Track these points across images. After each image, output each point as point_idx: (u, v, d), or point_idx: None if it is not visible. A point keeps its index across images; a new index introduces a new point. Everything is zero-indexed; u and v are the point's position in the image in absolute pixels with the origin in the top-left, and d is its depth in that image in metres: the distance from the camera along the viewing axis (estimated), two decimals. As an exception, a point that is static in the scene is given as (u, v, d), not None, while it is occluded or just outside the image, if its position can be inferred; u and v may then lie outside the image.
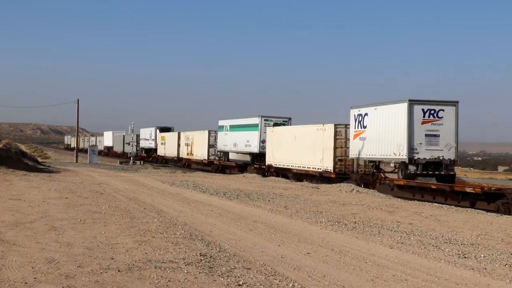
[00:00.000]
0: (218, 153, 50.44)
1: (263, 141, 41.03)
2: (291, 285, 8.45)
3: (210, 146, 51.34)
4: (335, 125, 32.16)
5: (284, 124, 40.99)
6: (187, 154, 57.13)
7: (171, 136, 63.80)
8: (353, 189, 26.75)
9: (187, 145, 57.09)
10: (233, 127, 46.35)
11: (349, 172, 31.83)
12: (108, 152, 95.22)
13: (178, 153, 60.26)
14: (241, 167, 45.89)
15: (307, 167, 34.76)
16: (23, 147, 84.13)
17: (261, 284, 8.38)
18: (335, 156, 31.94)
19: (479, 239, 13.25)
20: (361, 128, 30.00)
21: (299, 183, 32.31)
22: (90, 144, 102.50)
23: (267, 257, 10.45)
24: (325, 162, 32.76)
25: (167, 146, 64.26)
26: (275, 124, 40.76)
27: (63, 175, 32.96)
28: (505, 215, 19.19)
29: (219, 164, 49.94)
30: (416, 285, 8.74)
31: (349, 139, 31.38)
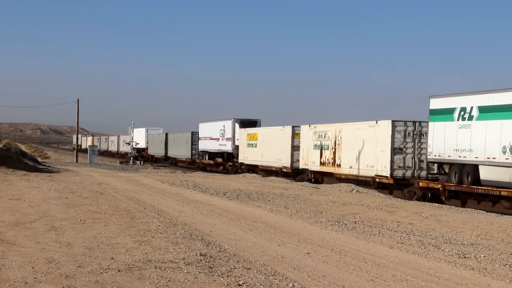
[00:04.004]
0: (429, 164, 26.68)
1: None
2: (291, 285, 8.45)
3: (396, 150, 27.27)
4: None
5: None
6: (323, 164, 33.01)
7: (273, 134, 39.86)
8: (353, 189, 26.75)
9: (322, 148, 33.34)
10: (497, 110, 21.90)
11: None
12: (138, 155, 70.83)
13: (293, 162, 36.64)
14: None
15: None
16: (23, 147, 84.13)
17: (261, 284, 8.38)
18: None
19: (479, 239, 13.25)
20: None
21: (299, 183, 32.22)
22: (110, 144, 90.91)
23: (267, 257, 10.46)
24: None
25: (264, 150, 40.38)
26: None
27: (63, 175, 32.96)
28: (501, 214, 19.16)
29: (443, 188, 23.91)
30: (416, 285, 8.74)
31: None
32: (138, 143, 66.68)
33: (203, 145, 52.95)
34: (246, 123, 46.19)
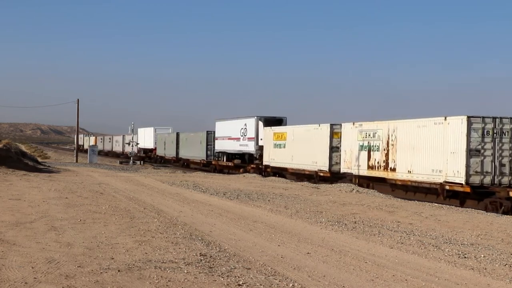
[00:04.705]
0: None
1: None
2: (291, 285, 8.45)
3: (472, 152, 22.72)
4: None
5: None
6: (371, 167, 28.23)
7: (306, 133, 34.63)
8: (353, 189, 26.73)
9: (370, 149, 28.44)
10: None
11: None
12: (146, 156, 68.96)
13: (331, 165, 31.74)
14: None
15: None
16: (23, 147, 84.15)
17: (261, 284, 8.38)
18: None
19: (479, 239, 13.25)
20: None
21: (299, 183, 32.25)
22: (115, 144, 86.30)
23: (267, 257, 10.46)
24: None
25: (295, 151, 35.60)
26: None
27: (63, 175, 32.96)
28: (505, 215, 19.15)
29: None
30: (416, 285, 8.74)
31: None
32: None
33: (220, 146, 47.96)
34: (271, 121, 41.26)
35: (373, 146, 28.16)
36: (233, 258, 10.15)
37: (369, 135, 28.61)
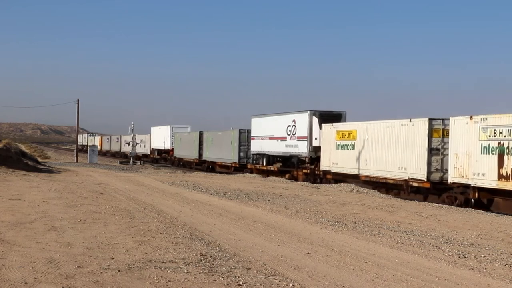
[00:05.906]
0: None
1: None
2: (291, 285, 8.45)
3: None
4: None
5: None
6: (505, 177, 20.35)
7: (388, 130, 27.29)
8: (353, 189, 26.74)
9: (501, 152, 20.60)
10: None
11: None
12: (160, 157, 64.08)
13: (430, 172, 24.38)
14: None
15: None
16: (23, 147, 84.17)
17: (261, 284, 8.38)
18: None
19: (479, 239, 13.25)
20: None
21: (299, 183, 32.25)
22: (124, 144, 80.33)
23: (267, 257, 10.46)
24: None
25: (369, 153, 28.41)
26: None
27: (63, 175, 32.97)
28: (505, 215, 19.13)
29: None
30: (416, 285, 8.74)
31: None
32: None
33: (257, 146, 41.04)
34: (328, 117, 33.98)
35: (508, 148, 20.40)
36: (233, 258, 10.15)
37: (501, 132, 20.77)
